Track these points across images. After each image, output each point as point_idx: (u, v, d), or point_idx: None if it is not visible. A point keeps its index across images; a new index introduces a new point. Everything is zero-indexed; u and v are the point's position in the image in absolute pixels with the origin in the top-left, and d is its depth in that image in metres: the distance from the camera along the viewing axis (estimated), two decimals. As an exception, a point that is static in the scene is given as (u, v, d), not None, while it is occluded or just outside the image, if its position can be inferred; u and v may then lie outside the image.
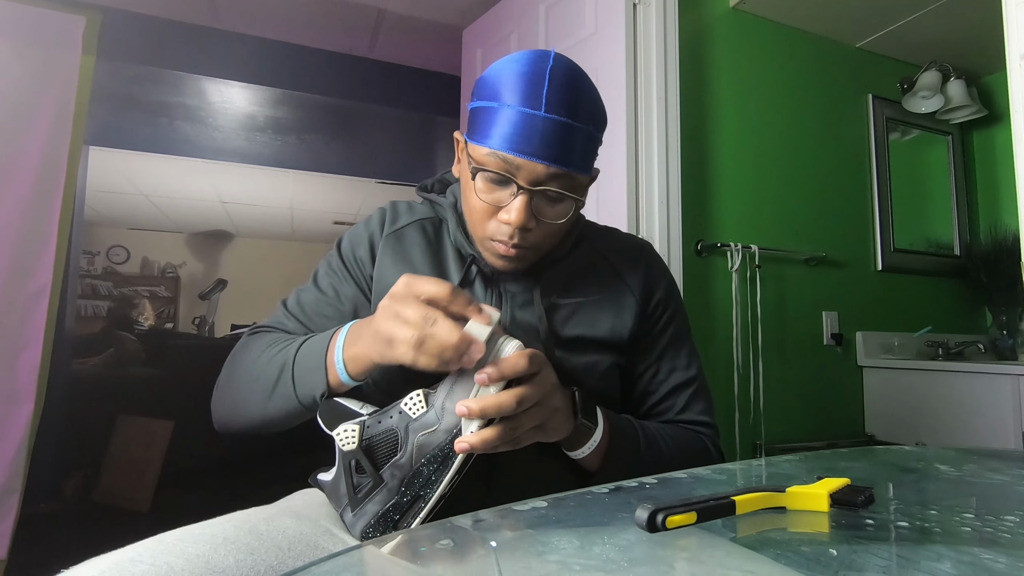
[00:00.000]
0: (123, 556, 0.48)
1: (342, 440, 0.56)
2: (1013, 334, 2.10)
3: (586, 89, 0.63)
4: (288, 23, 2.40)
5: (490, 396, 0.53)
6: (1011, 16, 0.80)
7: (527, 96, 0.59)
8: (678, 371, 0.77)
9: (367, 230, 0.76)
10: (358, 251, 0.75)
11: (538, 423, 0.56)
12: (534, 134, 0.59)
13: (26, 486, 1.87)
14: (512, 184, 0.62)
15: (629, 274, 0.76)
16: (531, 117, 0.59)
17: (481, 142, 0.62)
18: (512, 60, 0.63)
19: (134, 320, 5.79)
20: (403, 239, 0.74)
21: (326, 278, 0.76)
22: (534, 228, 0.64)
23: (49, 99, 1.97)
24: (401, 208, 0.78)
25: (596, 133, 0.64)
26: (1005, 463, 0.60)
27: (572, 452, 0.64)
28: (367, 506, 0.56)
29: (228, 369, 0.71)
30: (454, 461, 0.55)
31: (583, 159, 0.63)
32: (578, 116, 0.61)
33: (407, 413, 0.56)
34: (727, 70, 1.80)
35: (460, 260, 0.73)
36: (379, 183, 4.30)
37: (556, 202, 0.64)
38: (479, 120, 0.63)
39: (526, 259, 0.67)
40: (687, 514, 0.36)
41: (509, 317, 0.70)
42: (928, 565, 0.32)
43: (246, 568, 0.50)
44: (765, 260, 1.77)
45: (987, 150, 2.32)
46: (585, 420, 0.62)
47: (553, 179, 0.61)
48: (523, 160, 0.60)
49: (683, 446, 0.73)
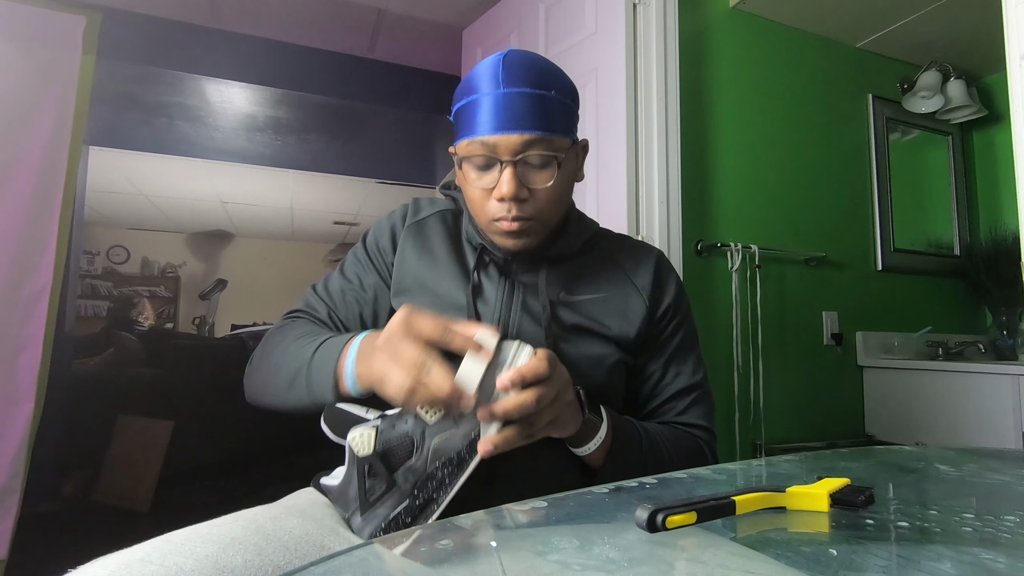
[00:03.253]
0: (132, 556, 0.48)
1: (357, 446, 0.57)
2: (1013, 334, 2.10)
3: (542, 63, 0.68)
4: (288, 23, 2.40)
5: (511, 399, 0.54)
6: (1011, 16, 0.80)
7: (487, 82, 0.65)
8: (683, 376, 0.78)
9: (390, 222, 0.81)
10: (381, 241, 0.79)
11: (553, 418, 0.58)
12: (499, 110, 0.64)
13: (26, 486, 1.87)
14: (496, 163, 0.66)
15: (639, 277, 0.78)
16: (493, 96, 0.64)
17: (462, 137, 0.67)
18: (475, 67, 0.69)
19: (134, 320, 5.79)
20: (424, 228, 0.79)
21: (352, 267, 0.81)
22: (528, 198, 0.67)
23: (49, 99, 1.96)
24: (423, 202, 0.83)
25: (562, 98, 0.68)
26: (1005, 463, 0.60)
27: (578, 449, 0.65)
28: (378, 510, 0.56)
29: (261, 349, 0.75)
30: (470, 464, 0.55)
31: (553, 121, 0.66)
32: (537, 84, 0.65)
33: (423, 418, 0.56)
34: (727, 70, 1.80)
35: (473, 249, 0.76)
36: (379, 183, 4.30)
37: (542, 168, 0.67)
38: (457, 122, 0.69)
39: (531, 232, 0.69)
40: (687, 514, 0.36)
41: (520, 304, 0.72)
42: (928, 565, 0.32)
43: (254, 568, 0.50)
44: (765, 260, 1.77)
45: (987, 150, 2.32)
46: (591, 416, 0.64)
47: (529, 145, 0.65)
48: (497, 136, 0.64)
49: (681, 447, 0.74)
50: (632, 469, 0.67)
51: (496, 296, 0.72)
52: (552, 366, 0.57)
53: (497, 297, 0.72)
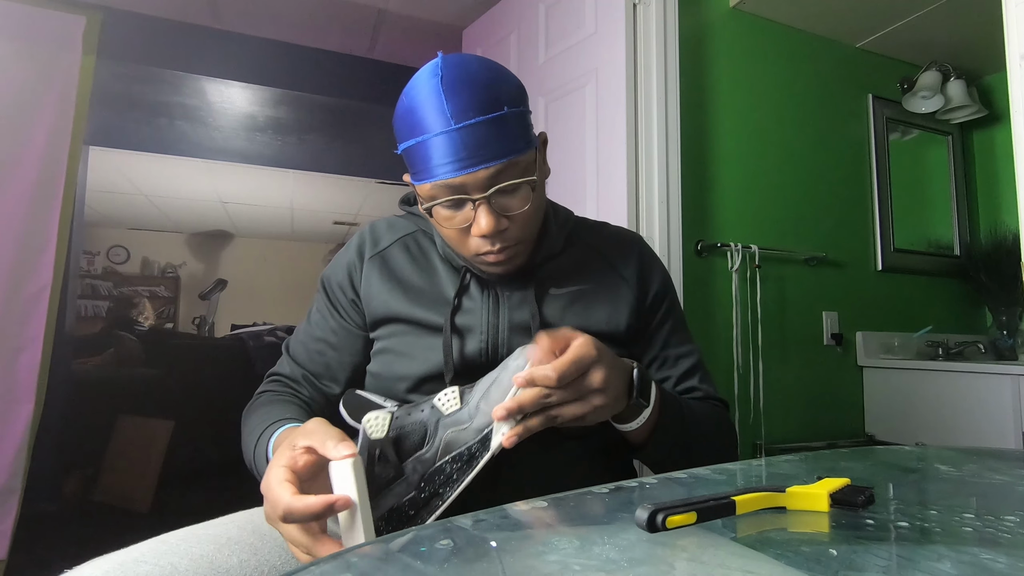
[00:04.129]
0: (127, 556, 0.48)
1: (371, 427, 0.57)
2: (1013, 334, 2.10)
3: (483, 78, 0.61)
4: (288, 23, 2.40)
5: (523, 393, 0.53)
6: (1011, 16, 0.80)
7: (434, 120, 0.60)
8: (684, 357, 0.78)
9: (346, 257, 0.78)
10: (339, 279, 0.77)
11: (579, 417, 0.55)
12: (458, 148, 0.59)
13: (26, 486, 1.87)
14: (467, 201, 0.62)
15: (624, 267, 0.77)
16: (447, 136, 0.59)
17: (423, 180, 0.62)
18: (409, 90, 0.63)
19: (134, 320, 5.78)
20: (389, 260, 0.76)
21: (316, 314, 0.80)
22: (508, 226, 0.64)
23: (49, 99, 1.97)
24: (381, 229, 0.79)
25: (515, 109, 0.62)
26: (1005, 463, 0.60)
27: (620, 426, 0.63)
28: (383, 500, 0.56)
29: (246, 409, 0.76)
30: (479, 461, 0.55)
31: (515, 141, 0.62)
32: (487, 107, 0.60)
33: (439, 408, 0.57)
34: (727, 70, 1.80)
35: (452, 271, 0.73)
36: (379, 183, 4.30)
37: (514, 192, 0.63)
38: (411, 161, 0.64)
39: (518, 255, 0.68)
40: (687, 514, 0.36)
41: (507, 319, 0.70)
42: (928, 565, 0.32)
43: (250, 568, 0.50)
44: (765, 260, 1.77)
45: (987, 150, 2.32)
46: (638, 399, 0.61)
47: (498, 176, 0.61)
48: (463, 176, 0.60)
49: (714, 419, 0.75)
50: (676, 447, 0.67)
51: (481, 313, 0.70)
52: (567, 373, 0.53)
53: (482, 314, 0.70)
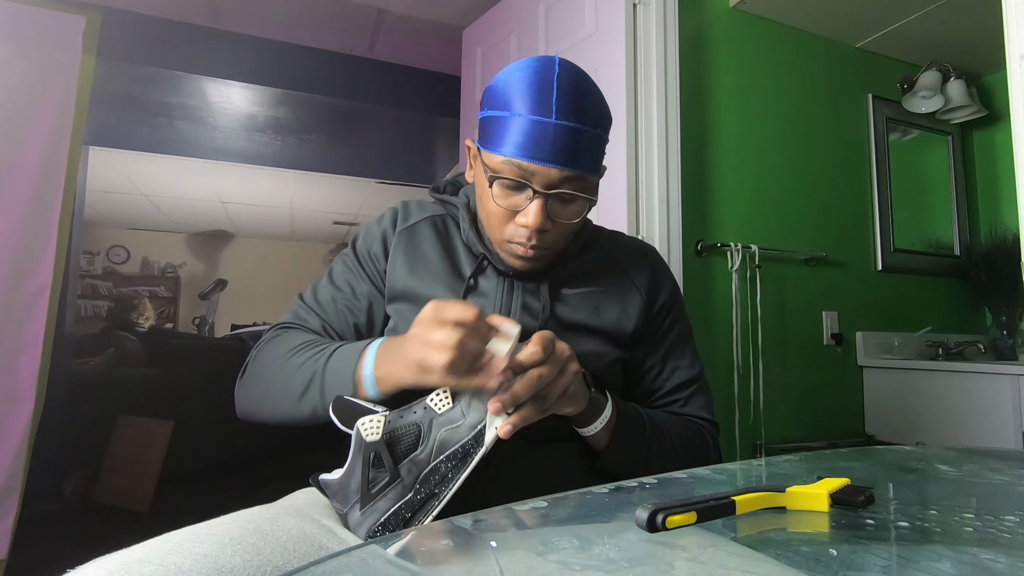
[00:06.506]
0: (131, 556, 0.48)
1: (366, 431, 0.57)
2: (1013, 334, 2.10)
3: (592, 93, 0.66)
4: (288, 23, 2.40)
5: (519, 381, 0.56)
6: (1011, 16, 0.80)
7: (537, 104, 0.62)
8: (681, 370, 0.80)
9: (380, 228, 0.78)
10: (372, 248, 0.77)
11: (563, 390, 0.59)
12: (546, 141, 0.62)
13: (26, 486, 1.87)
14: (527, 189, 0.64)
15: (636, 274, 0.79)
16: (543, 124, 0.62)
17: (496, 150, 0.64)
18: (519, 68, 0.65)
19: (134, 320, 5.79)
20: (415, 234, 0.77)
21: (341, 275, 0.78)
22: (550, 229, 0.67)
23: (49, 99, 1.96)
24: (412, 206, 0.81)
25: (603, 134, 0.67)
26: (1005, 463, 0.60)
27: (583, 429, 0.66)
28: (379, 503, 0.56)
29: (255, 367, 0.73)
30: (474, 457, 0.56)
31: (593, 161, 0.66)
32: (586, 120, 0.63)
33: (432, 408, 0.57)
34: (727, 70, 1.80)
35: (471, 257, 0.75)
36: (379, 183, 4.30)
37: (569, 203, 0.67)
38: (492, 129, 0.65)
39: (543, 259, 0.70)
40: (687, 514, 0.36)
41: (519, 306, 0.72)
42: (928, 565, 0.32)
43: (253, 568, 0.50)
44: (765, 260, 1.77)
45: (987, 150, 2.32)
46: (597, 394, 0.65)
47: (566, 182, 0.64)
48: (537, 166, 0.62)
49: (686, 435, 0.75)
50: (637, 451, 0.69)
51: (496, 296, 0.73)
52: (547, 348, 0.58)
53: (496, 297, 0.72)
